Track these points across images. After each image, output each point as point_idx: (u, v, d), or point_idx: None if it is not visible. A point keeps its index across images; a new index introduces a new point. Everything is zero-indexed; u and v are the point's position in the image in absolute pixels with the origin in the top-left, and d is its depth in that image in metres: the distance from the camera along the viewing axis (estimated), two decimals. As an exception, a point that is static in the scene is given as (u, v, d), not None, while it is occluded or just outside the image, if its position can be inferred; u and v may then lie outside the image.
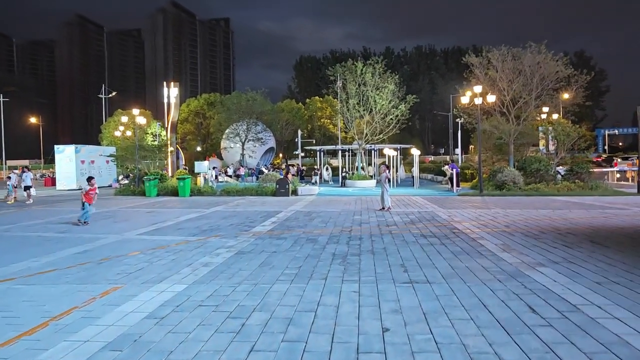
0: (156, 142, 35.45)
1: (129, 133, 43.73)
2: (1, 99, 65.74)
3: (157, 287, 6.58)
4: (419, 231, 11.44)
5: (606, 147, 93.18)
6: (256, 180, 39.40)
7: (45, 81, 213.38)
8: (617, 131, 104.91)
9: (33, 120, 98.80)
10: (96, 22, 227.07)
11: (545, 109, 29.73)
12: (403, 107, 36.51)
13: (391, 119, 36.85)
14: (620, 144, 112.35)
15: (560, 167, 27.68)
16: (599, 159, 58.00)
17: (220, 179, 44.15)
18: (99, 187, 25.63)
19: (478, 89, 23.56)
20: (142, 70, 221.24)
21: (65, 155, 36.65)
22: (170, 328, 4.89)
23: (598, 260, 7.66)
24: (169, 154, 46.79)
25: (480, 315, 5.07)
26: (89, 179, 15.44)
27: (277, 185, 25.79)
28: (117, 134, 42.92)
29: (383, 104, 36.39)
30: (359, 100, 37.22)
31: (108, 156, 34.25)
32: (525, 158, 27.79)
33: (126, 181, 35.03)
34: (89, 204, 14.58)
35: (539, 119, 30.97)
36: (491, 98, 24.88)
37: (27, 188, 24.18)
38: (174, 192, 27.32)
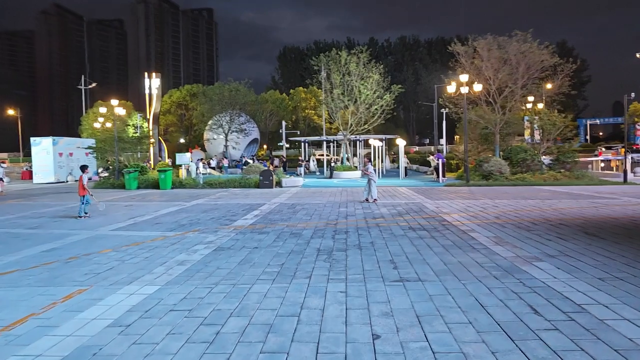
0: (137, 134, 34.49)
1: (108, 125, 42.71)
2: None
3: (127, 289, 6.04)
4: (407, 224, 11.02)
5: (588, 137, 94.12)
6: (241, 172, 38.74)
7: (24, 73, 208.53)
8: (598, 121, 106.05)
9: (11, 112, 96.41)
10: (75, 12, 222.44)
11: (531, 99, 29.54)
12: (388, 97, 36.08)
13: (376, 109, 36.41)
14: (601, 133, 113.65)
15: (545, 156, 27.56)
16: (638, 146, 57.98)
17: (202, 170, 43.39)
18: (77, 180, 24.97)
19: (464, 77, 23.19)
20: (124, 62, 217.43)
21: (42, 148, 35.53)
22: (135, 338, 4.37)
23: (596, 254, 7.30)
24: (151, 145, 45.88)
25: (479, 317, 4.64)
26: (83, 167, 15.19)
27: (261, 177, 25.22)
28: (97, 125, 41.77)
29: (368, 94, 35.91)
30: (344, 91, 36.70)
31: (86, 148, 33.24)
32: (511, 148, 27.59)
33: (106, 174, 34.15)
34: (84, 198, 14.39)
35: (524, 108, 30.80)
36: (478, 87, 24.55)
37: (-1, 181, 23.29)
38: (155, 185, 26.59)
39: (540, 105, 30.17)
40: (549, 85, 29.31)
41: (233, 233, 10.29)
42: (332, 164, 39.06)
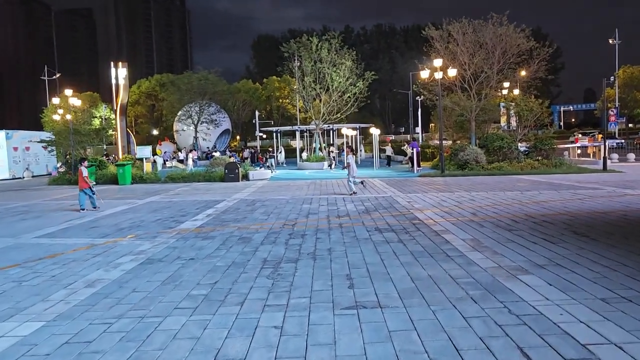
0: (97, 127, 32.48)
1: (69, 117, 40.44)
2: None
3: (0, 327, 4.63)
4: (374, 223, 9.77)
5: (561, 124, 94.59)
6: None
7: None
8: (572, 107, 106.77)
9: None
10: (42, 0, 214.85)
11: (507, 85, 28.60)
12: (361, 84, 34.79)
13: (349, 97, 35.10)
14: (573, 120, 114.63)
15: (522, 143, 26.68)
16: None
17: (168, 164, 41.59)
18: (35, 176, 23.35)
19: (438, 62, 22.02)
20: (95, 52, 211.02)
21: (-6, 142, 33.32)
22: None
23: (591, 262, 6.13)
24: (119, 138, 43.76)
25: (452, 371, 3.39)
26: (82, 160, 14.96)
27: (226, 170, 23.74)
28: (56, 117, 39.49)
29: (340, 82, 34.56)
30: (315, 78, 35.25)
31: (39, 142, 31.18)
32: (487, 135, 26.64)
33: (64, 169, 32.17)
34: (90, 190, 13.97)
35: (500, 94, 29.87)
36: (452, 72, 23.42)
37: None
38: (115, 180, 24.89)
39: (516, 92, 29.26)
40: (523, 72, 28.41)
41: (173, 239, 8.90)
42: (306, 155, 37.74)
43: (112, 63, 44.83)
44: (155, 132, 71.17)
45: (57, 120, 37.63)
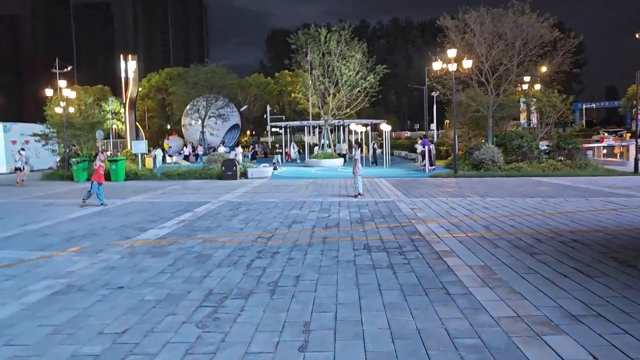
0: (95, 119, 31.18)
1: (72, 109, 39.39)
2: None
3: None
4: (365, 238, 8.11)
5: (583, 122, 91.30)
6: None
7: (8, 58, 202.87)
8: (594, 105, 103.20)
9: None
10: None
11: (527, 79, 26.58)
12: (372, 78, 33.00)
13: (359, 91, 33.33)
14: (594, 118, 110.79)
15: (542, 142, 24.70)
16: None
17: (174, 159, 40.32)
18: (36, 170, 22.33)
19: (452, 53, 20.17)
20: (112, 46, 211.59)
21: (-8, 135, 32.33)
22: None
23: (647, 311, 4.41)
24: (128, 132, 42.59)
25: None
26: (100, 153, 14.74)
27: (223, 168, 22.25)
28: (59, 110, 38.43)
29: (350, 75, 32.81)
30: (324, 72, 33.54)
31: (31, 135, 30.04)
32: (505, 133, 24.71)
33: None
34: (99, 183, 13.37)
35: (519, 89, 27.85)
36: (467, 63, 21.52)
37: None
38: (108, 177, 23.53)
39: (538, 87, 27.22)
40: (544, 68, 26.36)
41: (119, 255, 7.36)
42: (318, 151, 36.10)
43: (121, 56, 43.74)
44: (169, 126, 70.07)
45: (59, 114, 36.62)
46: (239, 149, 35.68)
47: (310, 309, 4.76)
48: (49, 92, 27.16)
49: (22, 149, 24.17)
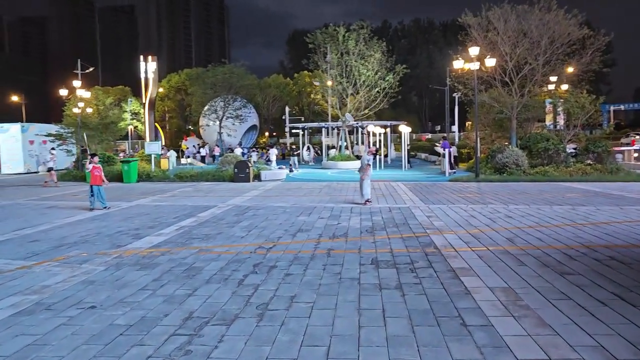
0: (110, 119, 30.99)
1: (90, 110, 39.39)
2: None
3: None
4: (374, 250, 7.35)
5: (613, 124, 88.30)
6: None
7: (35, 59, 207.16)
8: (622, 107, 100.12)
9: (15, 99, 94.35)
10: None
11: (553, 79, 25.38)
12: (391, 78, 32.14)
13: (378, 91, 32.50)
14: (621, 120, 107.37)
15: (569, 145, 23.51)
16: None
17: (190, 160, 40.04)
18: (55, 170, 22.21)
19: (475, 51, 19.22)
20: (135, 48, 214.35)
21: (10, 135, 32.38)
22: None
23: None
24: (147, 132, 42.46)
25: None
26: (91, 155, 13.99)
27: (236, 170, 21.69)
28: (76, 110, 38.48)
29: (368, 75, 32.00)
30: (342, 71, 32.79)
31: (46, 135, 29.96)
32: (529, 135, 23.57)
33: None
34: (98, 186, 13.03)
35: (545, 89, 26.65)
36: (490, 62, 20.52)
37: None
38: (121, 178, 23.22)
39: (564, 87, 26.01)
40: (571, 69, 25.14)
41: (103, 267, 6.75)
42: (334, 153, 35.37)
43: (141, 57, 43.72)
44: (191, 127, 70.13)
45: (77, 113, 36.59)
46: (254, 153, 35.23)
47: (300, 341, 4.04)
48: (63, 92, 26.82)
49: (53, 149, 23.92)
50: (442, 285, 5.48)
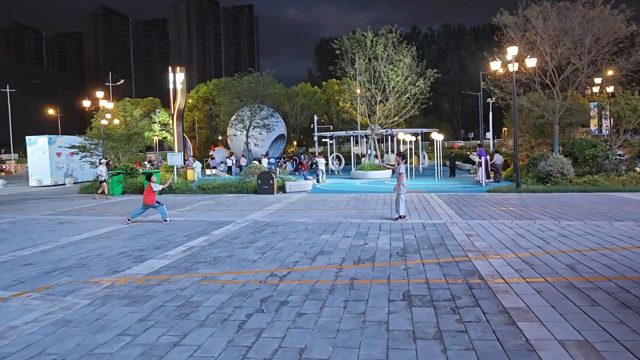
0: (135, 130, 30.67)
1: (117, 122, 39.40)
2: (8, 90, 62.19)
3: None
4: (406, 280, 6.16)
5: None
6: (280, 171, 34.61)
7: (73, 73, 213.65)
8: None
9: (51, 112, 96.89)
10: (121, 13, 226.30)
11: (598, 80, 23.64)
12: (422, 83, 30.82)
13: (408, 97, 31.21)
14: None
15: (618, 151, 21.72)
16: None
17: (214, 171, 39.38)
18: (78, 182, 21.75)
19: (513, 50, 17.81)
20: (167, 60, 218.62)
21: (38, 147, 32.43)
22: None
23: None
24: (175, 143, 42.22)
25: None
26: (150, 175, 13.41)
27: (259, 181, 20.75)
28: (104, 122, 38.49)
29: (398, 80, 30.78)
30: (370, 77, 31.66)
31: (69, 147, 29.75)
32: (573, 142, 21.88)
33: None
34: (152, 205, 12.72)
35: (589, 92, 24.89)
36: (531, 62, 19.01)
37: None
38: (143, 190, 22.58)
39: (610, 89, 24.21)
40: (610, 72, 23.34)
41: (87, 301, 5.79)
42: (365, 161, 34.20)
43: (170, 68, 43.69)
44: (220, 137, 70.14)
45: (104, 125, 36.49)
46: (264, 160, 34.36)
47: None
48: (86, 103, 26.50)
49: (102, 159, 23.36)
50: (494, 335, 4.25)
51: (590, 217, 10.93)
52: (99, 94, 25.33)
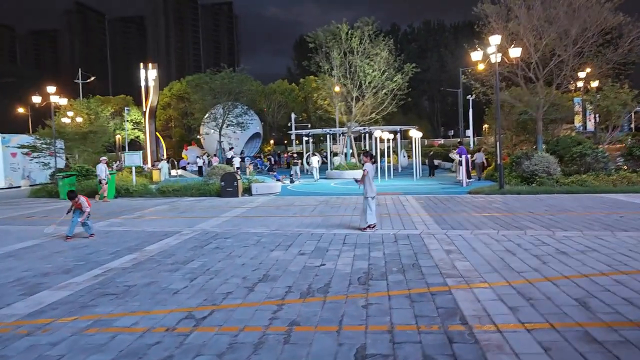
0: (91, 128, 28.51)
1: (80, 120, 37.14)
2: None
3: None
4: (364, 327, 4.52)
5: (632, 126, 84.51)
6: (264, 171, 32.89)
7: (48, 71, 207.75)
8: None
9: (21, 110, 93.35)
10: (98, 9, 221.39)
11: (582, 74, 22.41)
12: (399, 78, 29.34)
13: (385, 93, 29.72)
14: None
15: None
16: None
17: (174, 172, 37.35)
18: (36, 184, 19.72)
19: (495, 39, 16.37)
20: (145, 57, 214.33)
21: (-10, 148, 30.08)
22: None
23: None
24: (148, 142, 40.14)
25: None
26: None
27: (222, 183, 18.99)
28: (66, 120, 36.12)
29: (375, 75, 29.25)
30: (345, 72, 30.07)
31: (19, 147, 27.57)
32: (558, 139, 20.61)
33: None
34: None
35: (574, 86, 23.68)
36: (515, 52, 17.55)
37: None
38: (97, 192, 20.61)
39: (595, 84, 23.03)
40: (588, 69, 22.11)
41: None
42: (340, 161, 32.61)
43: (141, 64, 41.63)
44: (198, 136, 67.92)
45: (67, 124, 34.15)
46: (237, 158, 32.59)
47: None
48: (36, 99, 24.28)
49: (102, 158, 20.99)
50: None
51: (588, 225, 9.45)
52: (51, 89, 23.14)
